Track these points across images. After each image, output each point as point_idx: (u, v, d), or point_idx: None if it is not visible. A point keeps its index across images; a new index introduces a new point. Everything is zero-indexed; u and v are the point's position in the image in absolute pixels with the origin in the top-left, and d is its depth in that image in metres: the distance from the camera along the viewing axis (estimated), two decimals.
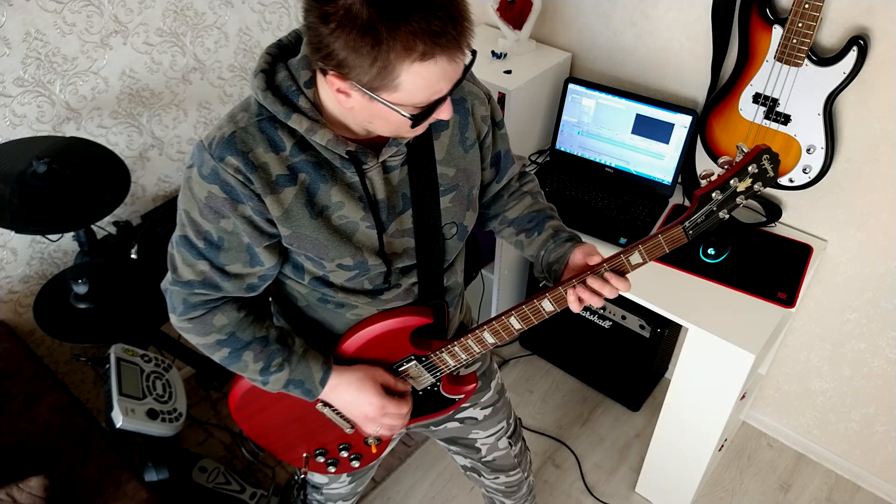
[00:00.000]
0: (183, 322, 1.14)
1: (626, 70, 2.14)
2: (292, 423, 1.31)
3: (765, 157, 1.01)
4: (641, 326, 2.24)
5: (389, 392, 1.24)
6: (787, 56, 1.67)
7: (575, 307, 1.13)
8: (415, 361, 1.25)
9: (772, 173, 1.03)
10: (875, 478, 2.26)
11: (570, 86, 2.10)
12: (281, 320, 1.30)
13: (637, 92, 2.10)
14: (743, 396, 2.01)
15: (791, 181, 1.84)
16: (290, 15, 2.20)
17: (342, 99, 0.94)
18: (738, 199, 1.05)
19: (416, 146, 1.10)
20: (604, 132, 2.11)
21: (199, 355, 2.11)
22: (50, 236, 1.93)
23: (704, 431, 1.93)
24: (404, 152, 1.08)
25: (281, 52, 1.04)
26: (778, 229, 2.00)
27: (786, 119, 1.76)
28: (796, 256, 1.90)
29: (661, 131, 2.02)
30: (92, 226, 1.83)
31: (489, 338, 1.21)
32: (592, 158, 2.16)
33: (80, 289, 1.62)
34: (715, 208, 1.05)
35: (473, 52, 0.96)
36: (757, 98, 1.78)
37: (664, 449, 2.08)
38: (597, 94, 2.07)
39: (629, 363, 2.37)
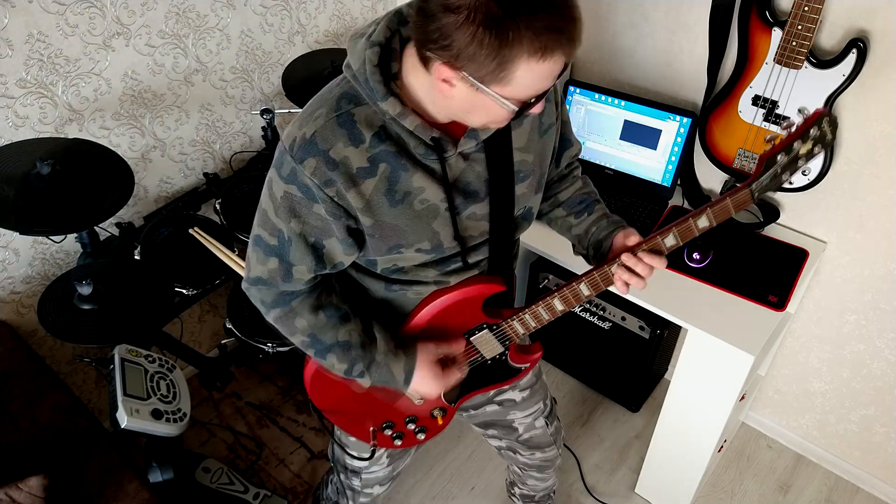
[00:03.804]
0: (272, 321, 1.21)
1: (626, 72, 2.15)
2: (362, 396, 1.33)
3: (825, 120, 1.05)
4: (641, 328, 2.24)
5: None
6: (786, 58, 1.68)
7: (661, 263, 1.17)
8: (487, 329, 1.28)
9: (830, 136, 1.07)
10: (874, 479, 2.27)
11: (570, 88, 2.11)
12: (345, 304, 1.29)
13: (637, 94, 2.10)
14: (742, 397, 2.02)
15: (790, 183, 1.84)
16: (292, 17, 2.21)
17: (444, 88, 0.95)
18: (799, 163, 1.08)
19: (493, 136, 1.12)
20: (593, 137, 2.12)
21: (202, 356, 2.12)
22: (53, 238, 1.93)
23: (704, 432, 1.93)
24: (480, 140, 1.11)
25: (392, 34, 1.04)
26: (777, 231, 2.01)
27: (786, 121, 1.77)
28: (792, 260, 1.90)
29: (648, 137, 2.03)
30: (95, 227, 1.83)
31: (559, 304, 1.24)
32: (593, 160, 2.16)
33: (85, 290, 1.62)
34: (780, 171, 1.08)
35: None
36: (756, 100, 1.79)
37: (664, 450, 2.09)
38: (586, 100, 2.08)
39: (629, 364, 2.38)
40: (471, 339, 1.29)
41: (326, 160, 1.02)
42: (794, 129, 1.06)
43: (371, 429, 1.41)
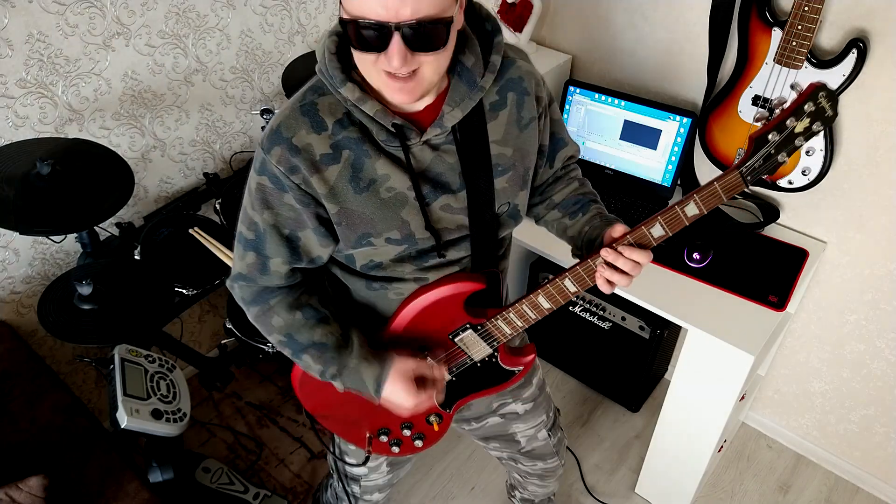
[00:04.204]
0: (252, 320, 1.22)
1: (626, 72, 2.15)
2: (352, 401, 1.31)
3: (821, 94, 0.98)
4: (641, 328, 2.24)
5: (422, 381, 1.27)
6: (786, 58, 1.68)
7: (644, 257, 1.11)
8: (470, 330, 1.25)
9: (830, 112, 0.99)
10: (874, 479, 2.27)
11: (570, 88, 2.11)
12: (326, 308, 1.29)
13: (637, 94, 2.11)
14: (742, 397, 2.02)
15: (790, 183, 1.85)
16: (292, 17, 2.21)
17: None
18: (796, 142, 1.01)
19: (466, 127, 1.11)
20: (593, 137, 2.12)
21: (202, 356, 2.12)
22: (53, 238, 1.93)
23: (704, 432, 1.93)
24: (448, 131, 1.10)
25: None
26: (777, 231, 2.01)
27: None
28: (792, 260, 1.90)
29: (648, 137, 2.03)
30: (95, 227, 1.83)
31: (544, 302, 1.20)
32: (593, 160, 2.16)
33: (85, 290, 1.62)
34: (773, 151, 1.01)
35: (446, 21, 0.95)
36: (756, 100, 1.79)
37: (664, 450, 2.09)
38: (586, 100, 2.08)
39: (629, 364, 2.38)
40: (455, 339, 1.27)
41: (290, 147, 1.05)
42: (786, 105, 0.99)
43: (367, 435, 1.39)
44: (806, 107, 0.98)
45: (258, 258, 1.14)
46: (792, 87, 1.03)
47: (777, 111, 1.00)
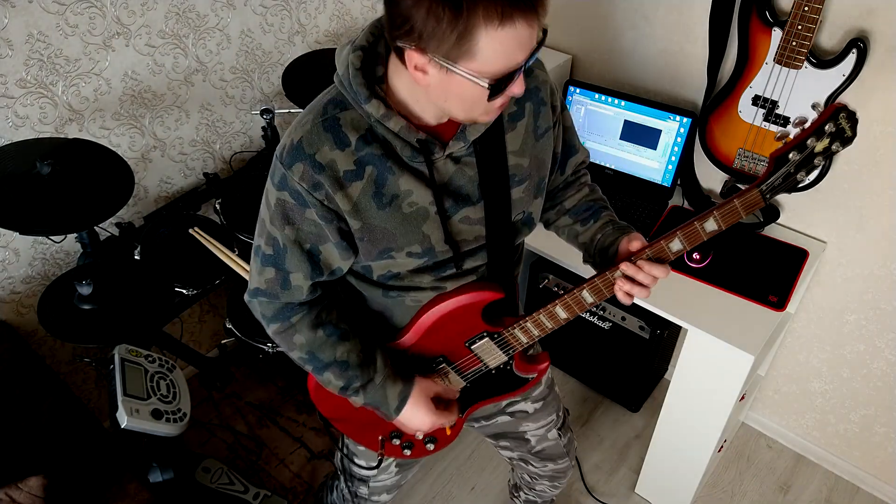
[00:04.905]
0: (272, 335, 1.21)
1: (626, 72, 2.15)
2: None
3: (841, 115, 0.99)
4: (641, 328, 2.24)
5: (440, 400, 1.30)
6: (786, 58, 1.68)
7: (663, 272, 1.12)
8: (487, 338, 1.25)
9: (850, 133, 1.01)
10: (874, 479, 2.27)
11: (570, 88, 2.11)
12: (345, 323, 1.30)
13: (637, 94, 2.10)
14: (742, 397, 2.02)
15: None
16: (292, 17, 2.21)
17: (419, 77, 0.94)
18: (815, 161, 1.02)
19: (485, 138, 1.11)
20: (593, 137, 2.12)
21: (202, 356, 2.12)
22: (53, 238, 1.93)
23: (704, 432, 1.93)
24: (469, 143, 1.09)
25: (376, 39, 1.05)
26: (777, 231, 2.01)
27: (785, 121, 1.77)
28: (792, 260, 1.90)
29: (648, 137, 2.03)
30: (95, 227, 1.83)
31: (562, 312, 1.20)
32: (593, 160, 2.16)
33: (85, 290, 1.62)
34: (792, 170, 1.03)
35: (544, 31, 0.96)
36: (756, 100, 1.79)
37: (664, 450, 2.09)
38: (586, 100, 2.08)
39: (629, 364, 2.38)
40: (471, 347, 1.27)
41: (313, 164, 1.03)
42: (807, 125, 1.01)
43: (379, 438, 1.39)
44: (826, 127, 0.99)
45: (278, 273, 1.13)
46: (813, 106, 1.04)
47: (797, 130, 1.02)
